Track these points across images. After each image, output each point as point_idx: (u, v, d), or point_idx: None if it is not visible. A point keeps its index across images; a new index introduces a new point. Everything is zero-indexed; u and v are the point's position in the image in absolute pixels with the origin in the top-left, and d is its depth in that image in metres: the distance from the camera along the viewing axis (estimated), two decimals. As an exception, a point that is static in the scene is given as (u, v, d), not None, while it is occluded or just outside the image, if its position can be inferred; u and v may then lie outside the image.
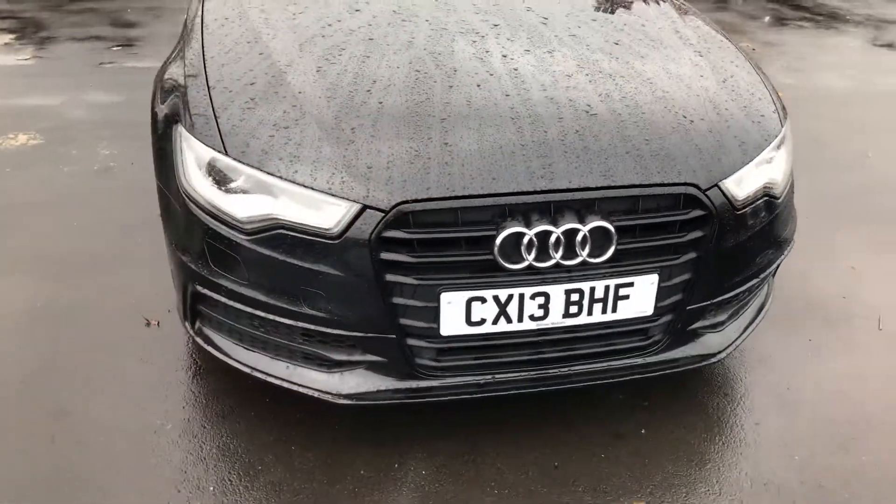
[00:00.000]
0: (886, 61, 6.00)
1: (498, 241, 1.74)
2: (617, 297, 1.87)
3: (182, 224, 1.96)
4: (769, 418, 2.23)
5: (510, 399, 1.97)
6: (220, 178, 1.85)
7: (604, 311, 1.88)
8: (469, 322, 1.82)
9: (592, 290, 1.84)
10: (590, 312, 1.87)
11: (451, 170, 1.76)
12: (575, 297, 1.84)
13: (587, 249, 1.78)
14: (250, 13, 2.32)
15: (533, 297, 1.81)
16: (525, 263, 1.76)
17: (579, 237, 1.77)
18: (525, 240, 1.74)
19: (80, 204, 3.28)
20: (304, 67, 2.03)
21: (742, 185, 1.95)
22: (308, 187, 1.75)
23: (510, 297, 1.80)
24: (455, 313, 1.80)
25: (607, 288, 1.85)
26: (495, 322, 1.83)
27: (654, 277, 1.87)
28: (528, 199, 1.76)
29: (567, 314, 1.86)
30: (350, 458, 2.03)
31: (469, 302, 1.79)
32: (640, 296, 1.88)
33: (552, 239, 1.76)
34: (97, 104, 4.46)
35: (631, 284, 1.86)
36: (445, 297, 1.78)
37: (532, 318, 1.84)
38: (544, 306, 1.83)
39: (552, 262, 1.77)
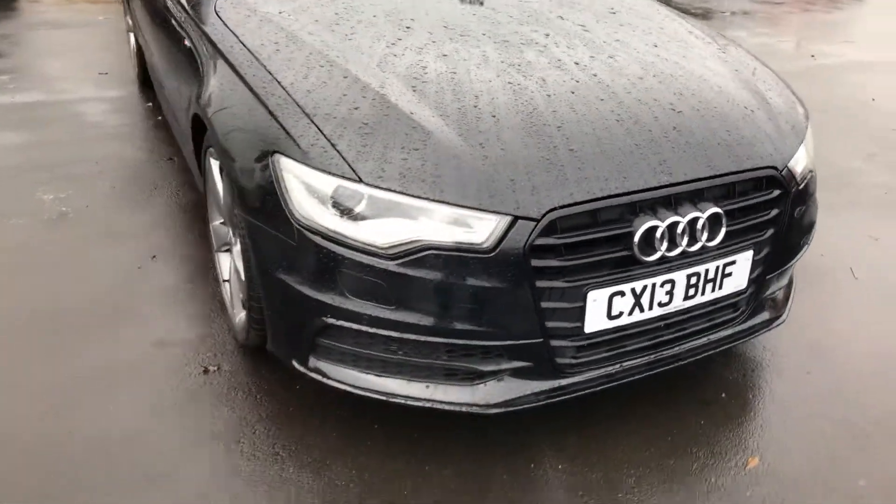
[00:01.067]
0: (771, 51, 6.67)
1: (637, 236, 1.85)
2: (724, 276, 2.05)
3: (300, 258, 1.89)
4: (815, 366, 2.51)
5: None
6: (349, 206, 1.81)
7: (713, 289, 2.05)
8: (609, 316, 1.92)
9: (707, 271, 2.01)
10: (703, 292, 2.03)
11: (586, 174, 1.86)
12: (694, 280, 1.99)
13: (705, 234, 1.94)
14: (301, 36, 2.25)
15: (662, 284, 1.95)
16: (658, 254, 1.89)
17: (699, 224, 1.92)
18: (658, 232, 1.87)
19: (52, 258, 2.97)
20: (399, 88, 2.02)
21: (798, 163, 2.20)
22: (458, 205, 1.77)
23: (644, 287, 1.92)
24: (598, 310, 1.89)
25: (717, 268, 2.02)
26: (630, 313, 1.94)
27: (750, 253, 2.07)
28: (655, 195, 1.90)
29: (686, 297, 2.01)
30: (486, 467, 2.06)
31: (611, 297, 1.89)
32: (740, 272, 2.07)
33: (679, 228, 1.90)
34: (10, 146, 4.02)
35: (734, 262, 2.05)
36: (592, 296, 1.87)
37: (660, 304, 1.97)
38: (670, 292, 1.97)
39: (679, 249, 1.92)
